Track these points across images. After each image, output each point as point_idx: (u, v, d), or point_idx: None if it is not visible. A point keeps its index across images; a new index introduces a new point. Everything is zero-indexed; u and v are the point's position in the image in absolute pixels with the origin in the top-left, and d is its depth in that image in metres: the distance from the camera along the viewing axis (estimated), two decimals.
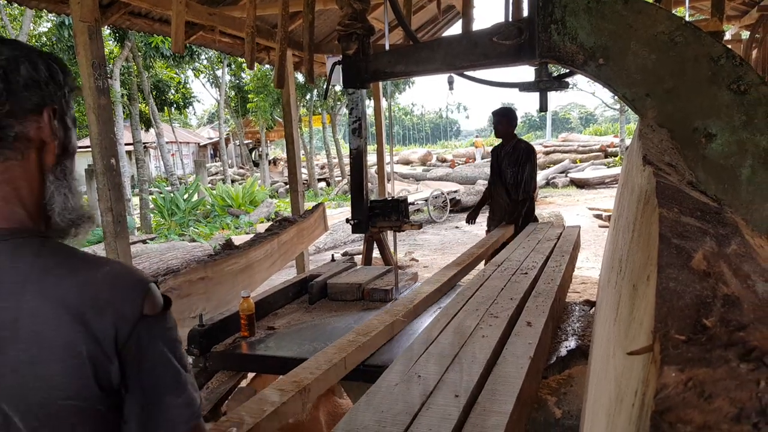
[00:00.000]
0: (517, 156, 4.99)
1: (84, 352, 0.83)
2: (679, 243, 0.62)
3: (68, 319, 0.83)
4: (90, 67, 3.54)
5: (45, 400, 0.82)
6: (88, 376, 0.83)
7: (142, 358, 0.87)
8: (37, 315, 0.82)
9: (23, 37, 11.87)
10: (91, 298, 0.85)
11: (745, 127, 1.89)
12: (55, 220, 0.94)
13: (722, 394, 0.42)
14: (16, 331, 0.82)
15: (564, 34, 2.03)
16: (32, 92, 0.90)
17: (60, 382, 0.82)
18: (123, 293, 0.87)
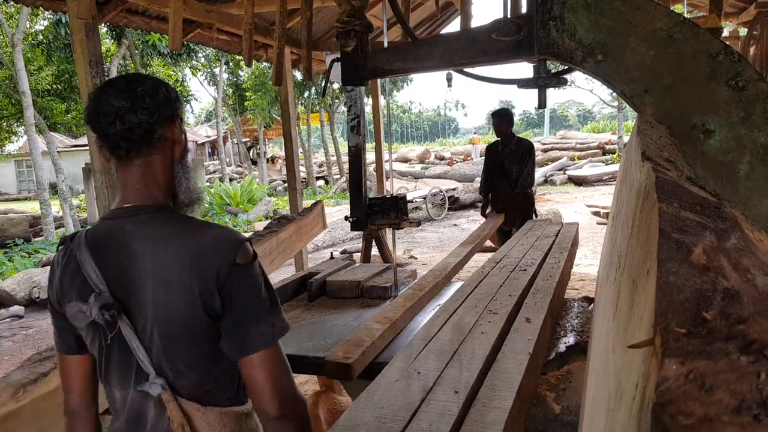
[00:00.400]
0: (521, 154, 5.41)
1: (196, 290, 1.17)
2: (678, 237, 0.62)
3: (185, 266, 1.17)
4: (87, 64, 3.54)
5: (171, 322, 1.19)
6: (198, 306, 1.18)
7: (233, 295, 1.19)
8: (164, 265, 1.18)
9: (20, 36, 11.83)
10: (201, 252, 1.19)
11: (743, 123, 1.90)
12: (180, 198, 1.32)
13: (723, 387, 0.42)
14: (152, 276, 1.19)
15: (563, 31, 2.03)
16: (167, 107, 1.26)
17: (180, 311, 1.18)
18: (222, 248, 1.20)
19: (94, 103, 1.24)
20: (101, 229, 1.27)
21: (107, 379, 1.29)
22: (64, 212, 13.71)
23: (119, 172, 1.28)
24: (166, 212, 1.26)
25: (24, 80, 11.67)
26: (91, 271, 1.21)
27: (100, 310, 1.17)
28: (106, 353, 1.27)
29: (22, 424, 1.78)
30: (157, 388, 1.21)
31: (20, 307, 7.29)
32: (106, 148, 1.26)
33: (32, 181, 28.47)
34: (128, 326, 1.20)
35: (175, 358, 1.22)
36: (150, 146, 1.25)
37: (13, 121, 16.28)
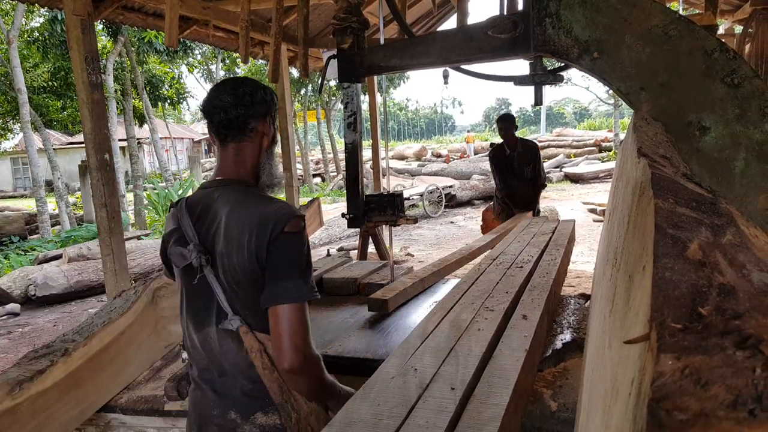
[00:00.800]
0: (530, 155, 5.89)
1: (254, 247, 1.48)
2: (674, 233, 0.62)
3: (250, 230, 1.49)
4: (83, 61, 3.53)
5: (238, 272, 1.50)
6: (254, 261, 1.49)
7: (275, 253, 1.48)
8: (236, 225, 1.51)
9: (15, 33, 11.78)
10: (263, 220, 1.49)
11: (738, 120, 1.90)
12: (262, 179, 1.65)
13: (718, 382, 0.42)
14: (226, 235, 1.51)
15: (559, 28, 2.03)
16: (262, 106, 1.61)
17: (243, 264, 1.49)
18: (278, 217, 1.49)
19: (209, 97, 1.60)
20: (197, 195, 1.63)
21: (190, 321, 1.61)
22: (60, 209, 13.67)
23: (219, 152, 1.64)
24: (245, 187, 1.59)
25: (20, 77, 11.62)
26: (187, 226, 1.56)
27: (197, 254, 1.51)
28: (188, 296, 1.60)
29: (19, 421, 1.77)
30: (237, 323, 1.51)
31: (16, 304, 7.27)
32: (212, 132, 1.62)
33: (28, 178, 28.34)
34: (211, 272, 1.52)
35: (244, 298, 1.52)
36: (243, 134, 1.59)
37: (9, 119, 16.23)
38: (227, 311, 1.52)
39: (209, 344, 1.56)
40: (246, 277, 1.50)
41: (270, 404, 1.54)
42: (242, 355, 1.52)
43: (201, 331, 1.57)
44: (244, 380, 1.54)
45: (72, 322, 6.53)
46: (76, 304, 7.47)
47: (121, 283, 3.60)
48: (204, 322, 1.57)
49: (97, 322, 2.25)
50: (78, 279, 7.64)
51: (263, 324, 1.52)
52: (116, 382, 2.29)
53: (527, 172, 5.85)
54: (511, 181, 5.93)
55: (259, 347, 1.51)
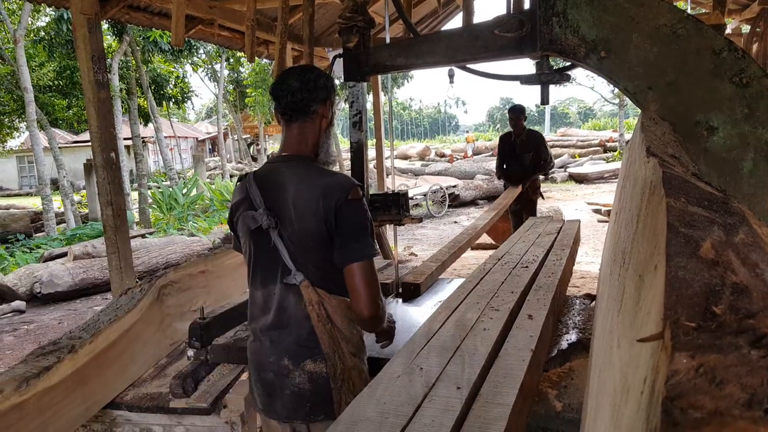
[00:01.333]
0: (533, 143, 6.47)
1: (322, 213, 1.66)
2: (686, 232, 0.62)
3: (317, 198, 1.67)
4: (89, 60, 3.53)
5: (306, 235, 1.69)
6: (322, 225, 1.67)
7: (343, 219, 1.67)
8: (303, 194, 1.69)
9: (22, 32, 11.81)
10: (328, 189, 1.68)
11: (747, 120, 1.89)
12: (320, 156, 1.83)
13: (733, 380, 0.42)
14: (294, 202, 1.69)
15: (565, 27, 2.02)
16: (323, 91, 1.79)
17: (311, 227, 1.68)
18: (341, 187, 1.69)
19: (278, 82, 1.78)
20: (265, 168, 1.83)
21: (254, 280, 1.80)
22: (66, 208, 13.71)
23: (284, 131, 1.82)
24: (308, 161, 1.79)
25: (26, 76, 11.66)
26: (256, 195, 1.74)
27: (267, 217, 1.69)
28: (256, 257, 1.78)
29: (25, 417, 1.78)
30: (300, 277, 1.70)
31: (21, 302, 7.29)
32: (279, 112, 1.79)
33: (33, 176, 28.47)
34: (277, 234, 1.71)
35: (309, 259, 1.71)
36: (306, 115, 1.77)
37: (15, 117, 16.28)
38: (291, 268, 1.70)
39: (272, 299, 1.75)
40: (314, 239, 1.69)
41: (319, 353, 1.72)
42: (300, 308, 1.71)
43: (266, 287, 1.76)
44: (300, 330, 1.72)
45: (77, 319, 6.55)
46: (81, 301, 7.49)
47: (127, 281, 3.60)
48: (269, 279, 1.75)
49: (103, 320, 2.25)
50: (83, 277, 7.66)
51: (323, 281, 1.72)
52: (122, 380, 2.30)
53: (527, 159, 6.42)
54: (511, 165, 6.60)
55: (318, 299, 1.70)
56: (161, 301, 2.57)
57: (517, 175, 6.53)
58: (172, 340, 2.62)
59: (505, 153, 6.74)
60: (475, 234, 3.82)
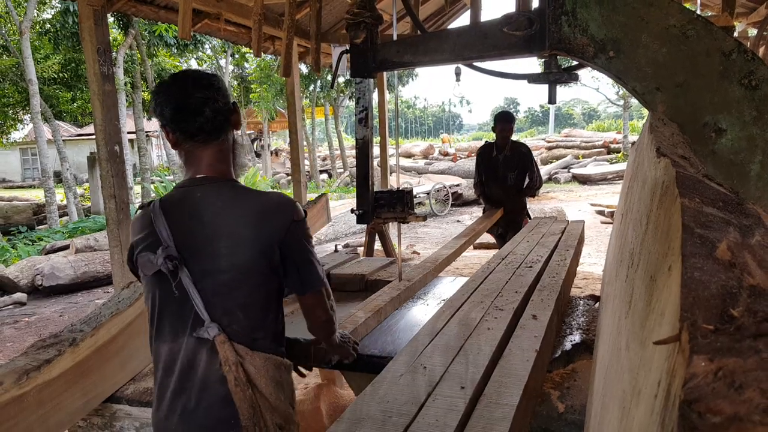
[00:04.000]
0: (518, 160, 5.31)
1: (260, 242, 1.42)
2: (702, 233, 0.61)
3: (251, 224, 1.42)
4: (95, 52, 3.53)
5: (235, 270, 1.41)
6: (259, 257, 1.42)
7: (293, 246, 1.47)
8: (230, 223, 1.42)
9: (27, 24, 11.82)
10: (266, 212, 1.45)
11: (755, 122, 1.88)
12: (235, 170, 1.56)
13: (753, 385, 0.41)
14: (220, 232, 1.41)
15: (574, 26, 2.01)
16: (229, 95, 1.51)
17: (244, 260, 1.42)
18: (282, 208, 1.47)
19: (176, 102, 1.44)
20: (175, 194, 1.49)
21: (159, 333, 1.48)
22: (68, 200, 13.73)
23: (194, 152, 1.49)
24: (232, 183, 1.52)
25: (31, 68, 11.66)
26: (162, 228, 1.42)
27: (165, 259, 1.38)
28: (161, 305, 1.46)
29: (25, 410, 1.77)
30: (214, 330, 1.39)
31: (23, 294, 7.30)
32: (187, 136, 1.47)
33: (37, 169, 28.47)
34: (188, 277, 1.40)
35: (232, 304, 1.42)
36: (222, 132, 1.50)
37: (19, 109, 16.29)
38: (204, 318, 1.40)
39: (179, 357, 1.43)
40: (245, 277, 1.42)
41: (236, 427, 1.40)
42: (215, 368, 1.40)
43: (172, 342, 1.44)
44: (213, 397, 1.41)
45: (78, 312, 6.55)
46: (82, 294, 7.50)
47: (129, 275, 3.59)
48: (179, 332, 1.44)
49: (104, 313, 2.25)
50: (85, 270, 7.67)
51: (248, 332, 1.43)
52: (122, 374, 2.29)
53: (511, 179, 5.33)
54: (491, 184, 5.46)
55: (236, 359, 1.39)
56: None
57: (497, 197, 5.45)
58: None
59: (484, 169, 5.53)
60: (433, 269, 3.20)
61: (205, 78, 1.48)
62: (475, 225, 4.70)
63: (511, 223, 5.29)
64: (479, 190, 5.64)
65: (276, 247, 1.44)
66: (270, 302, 1.49)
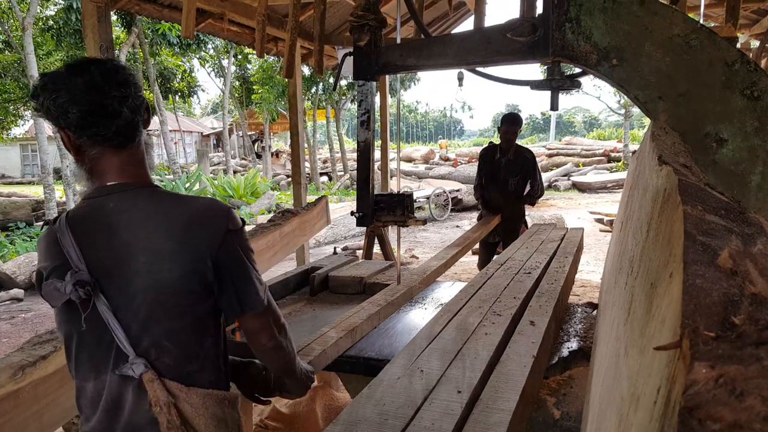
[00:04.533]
0: (520, 165, 5.10)
1: (188, 259, 1.20)
2: (704, 240, 0.61)
3: (177, 235, 1.20)
4: (98, 50, 3.53)
5: (159, 292, 1.19)
6: (188, 274, 1.20)
7: (228, 261, 1.24)
8: (154, 236, 1.19)
9: (30, 20, 11.83)
10: (191, 221, 1.22)
11: (757, 133, 1.88)
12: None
13: (754, 393, 0.41)
14: (140, 248, 1.19)
15: (578, 33, 2.01)
16: (140, 89, 1.28)
17: (169, 280, 1.19)
18: (213, 216, 1.24)
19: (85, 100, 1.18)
20: (83, 207, 1.26)
21: (78, 368, 1.25)
22: (68, 197, 13.70)
23: (104, 158, 1.25)
24: (151, 188, 1.28)
25: (33, 64, 11.66)
26: (71, 249, 1.19)
27: (74, 286, 1.14)
28: (78, 338, 1.23)
29: (20, 405, 1.77)
30: (140, 368, 1.18)
31: (20, 290, 7.29)
32: (96, 141, 1.22)
33: (36, 165, 28.46)
34: (105, 305, 1.18)
35: (159, 332, 1.20)
36: (137, 132, 1.28)
37: (20, 105, 16.30)
38: (128, 353, 1.19)
39: (105, 395, 1.23)
40: (173, 297, 1.20)
41: None
42: (143, 410, 1.20)
43: (95, 380, 1.23)
44: None
45: None
46: None
47: None
48: (98, 369, 1.22)
49: None
50: None
51: (182, 364, 1.23)
52: None
53: (512, 184, 5.14)
54: (491, 188, 5.26)
55: (167, 400, 1.19)
56: None
57: (495, 203, 5.23)
58: None
59: (485, 172, 5.32)
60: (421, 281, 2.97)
61: (120, 72, 1.24)
62: (470, 233, 4.50)
63: (508, 231, 5.06)
64: (478, 193, 5.43)
65: (208, 262, 1.21)
66: (206, 326, 1.26)
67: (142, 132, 1.29)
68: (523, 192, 5.17)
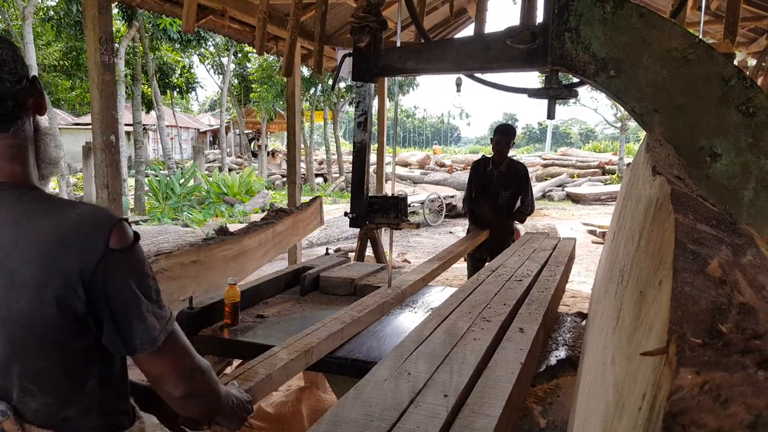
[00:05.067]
0: (512, 178, 4.91)
1: (51, 285, 0.94)
2: (695, 249, 0.61)
3: (37, 256, 0.95)
4: (97, 41, 3.52)
5: (17, 324, 0.96)
6: (51, 305, 0.95)
7: (110, 287, 0.98)
8: (10, 253, 0.95)
9: (31, 9, 11.78)
10: (60, 237, 0.96)
11: (750, 149, 1.89)
12: (43, 169, 1.12)
13: (738, 400, 0.41)
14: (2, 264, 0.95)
15: (577, 43, 2.02)
16: (24, 66, 1.08)
17: (28, 310, 0.95)
18: (90, 230, 0.98)
19: None
20: None
21: None
22: (61, 189, 13.66)
23: None
24: (29, 190, 1.04)
25: (31, 54, 11.62)
26: None
27: None
28: None
29: None
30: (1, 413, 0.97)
31: None
32: None
33: None
34: None
35: (20, 372, 0.98)
36: (19, 116, 1.04)
37: None
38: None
39: None
40: (33, 333, 0.97)
41: None
42: None
43: None
44: None
45: None
46: None
47: None
48: None
49: None
50: None
51: (55, 409, 1.02)
52: None
53: (503, 198, 4.92)
54: (480, 202, 5.05)
55: None
56: None
57: (485, 218, 5.03)
58: None
59: (476, 184, 5.11)
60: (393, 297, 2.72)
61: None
62: (454, 247, 4.27)
63: (496, 248, 4.54)
64: (467, 206, 5.21)
65: (79, 291, 0.97)
66: (85, 365, 1.03)
67: (26, 119, 1.06)
68: (514, 207, 4.98)
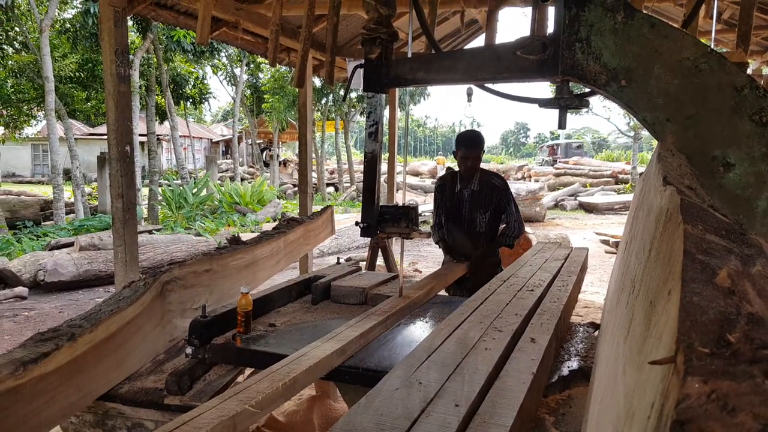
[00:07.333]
0: (490, 197, 3.79)
1: None
2: (703, 259, 0.61)
3: None
4: (113, 53, 3.57)
5: None
6: None
7: None
8: None
9: (48, 22, 11.98)
10: None
11: (764, 158, 1.88)
12: None
13: (746, 409, 0.41)
14: None
15: (588, 53, 2.02)
16: None
17: None
18: None
19: None
20: None
21: None
22: (76, 198, 13.81)
23: None
24: None
25: (48, 66, 11.80)
26: None
27: None
28: None
29: (19, 401, 1.77)
30: None
31: (24, 288, 7.32)
32: None
33: (47, 165, 28.63)
34: None
35: None
36: None
37: (34, 105, 16.47)
38: None
39: None
40: None
41: None
42: None
43: None
44: None
45: (78, 309, 6.56)
46: (83, 292, 7.51)
47: (131, 275, 3.61)
48: None
49: (104, 310, 2.25)
50: (87, 268, 7.68)
51: None
52: (118, 372, 2.29)
53: (481, 223, 3.80)
54: (453, 231, 3.91)
55: None
56: (164, 296, 2.56)
57: (463, 248, 3.87)
58: (171, 337, 2.61)
59: (444, 209, 3.94)
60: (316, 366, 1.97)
61: None
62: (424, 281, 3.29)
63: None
64: (436, 235, 4.01)
65: None
66: None
67: None
68: (497, 231, 3.90)
